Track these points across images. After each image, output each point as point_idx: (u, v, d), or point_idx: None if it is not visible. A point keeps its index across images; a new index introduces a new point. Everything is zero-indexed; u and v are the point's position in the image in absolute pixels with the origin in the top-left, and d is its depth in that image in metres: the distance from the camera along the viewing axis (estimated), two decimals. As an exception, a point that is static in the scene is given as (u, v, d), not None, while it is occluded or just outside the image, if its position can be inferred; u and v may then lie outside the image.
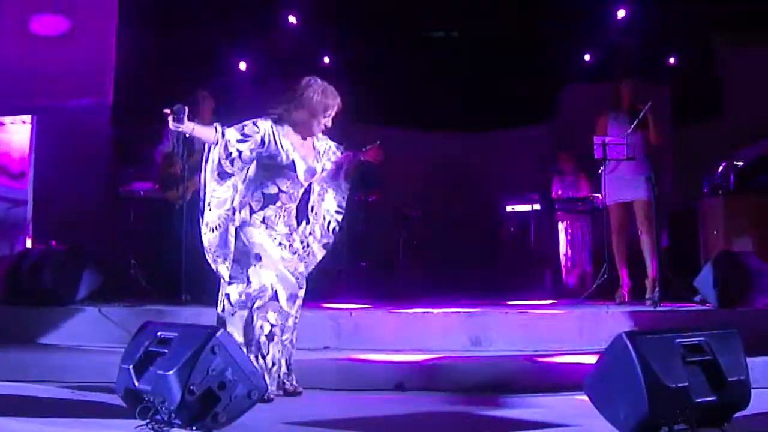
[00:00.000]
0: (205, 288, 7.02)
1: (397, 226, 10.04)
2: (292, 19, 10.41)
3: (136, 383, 3.76)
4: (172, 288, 6.90)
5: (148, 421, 3.66)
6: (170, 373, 3.57)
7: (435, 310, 6.20)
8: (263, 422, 3.88)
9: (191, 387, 3.54)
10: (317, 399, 4.67)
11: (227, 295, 4.60)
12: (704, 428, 3.44)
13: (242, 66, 10.31)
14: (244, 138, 4.56)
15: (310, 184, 4.87)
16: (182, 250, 6.67)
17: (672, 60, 10.33)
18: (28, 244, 7.06)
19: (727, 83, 10.28)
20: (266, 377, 4.56)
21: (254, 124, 4.62)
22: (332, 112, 4.72)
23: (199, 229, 4.57)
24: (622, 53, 9.98)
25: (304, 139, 4.75)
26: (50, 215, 7.53)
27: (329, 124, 4.76)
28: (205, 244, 4.55)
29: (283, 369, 4.68)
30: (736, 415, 3.60)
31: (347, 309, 6.00)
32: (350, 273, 8.95)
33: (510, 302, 7.23)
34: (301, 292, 4.74)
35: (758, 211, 7.49)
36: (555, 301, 7.55)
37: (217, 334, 3.68)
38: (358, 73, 10.80)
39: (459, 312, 6.22)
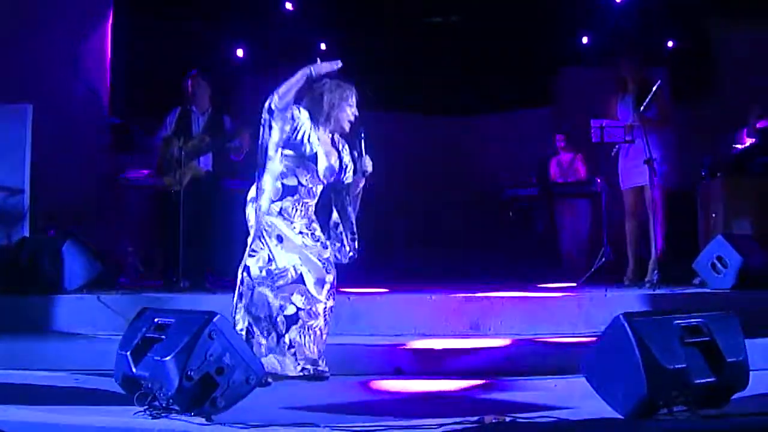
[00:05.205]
0: (203, 274, 7.08)
1: (396, 212, 10.05)
2: (288, 5, 10.38)
3: (134, 369, 3.75)
4: (170, 275, 6.92)
5: (146, 407, 3.65)
6: (168, 359, 3.56)
7: (434, 295, 6.18)
8: (261, 406, 3.88)
9: (189, 373, 3.53)
10: (316, 384, 4.66)
11: (247, 268, 4.62)
12: (703, 409, 3.44)
13: (239, 53, 10.28)
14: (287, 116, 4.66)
15: (329, 188, 4.90)
16: (179, 237, 6.67)
17: (670, 43, 10.30)
18: (26, 232, 7.04)
19: (722, 64, 10.26)
20: (272, 357, 4.57)
21: (297, 109, 4.71)
22: (343, 109, 4.83)
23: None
24: (620, 36, 9.94)
25: (329, 135, 4.86)
26: (48, 204, 7.51)
27: (345, 119, 4.85)
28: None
29: (313, 355, 4.70)
30: (735, 396, 3.61)
31: (345, 294, 5.98)
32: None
33: (509, 286, 7.21)
34: (330, 278, 4.77)
35: (758, 194, 7.46)
36: (554, 284, 7.54)
37: (215, 320, 3.67)
38: (355, 58, 10.73)
39: (458, 296, 6.21)
